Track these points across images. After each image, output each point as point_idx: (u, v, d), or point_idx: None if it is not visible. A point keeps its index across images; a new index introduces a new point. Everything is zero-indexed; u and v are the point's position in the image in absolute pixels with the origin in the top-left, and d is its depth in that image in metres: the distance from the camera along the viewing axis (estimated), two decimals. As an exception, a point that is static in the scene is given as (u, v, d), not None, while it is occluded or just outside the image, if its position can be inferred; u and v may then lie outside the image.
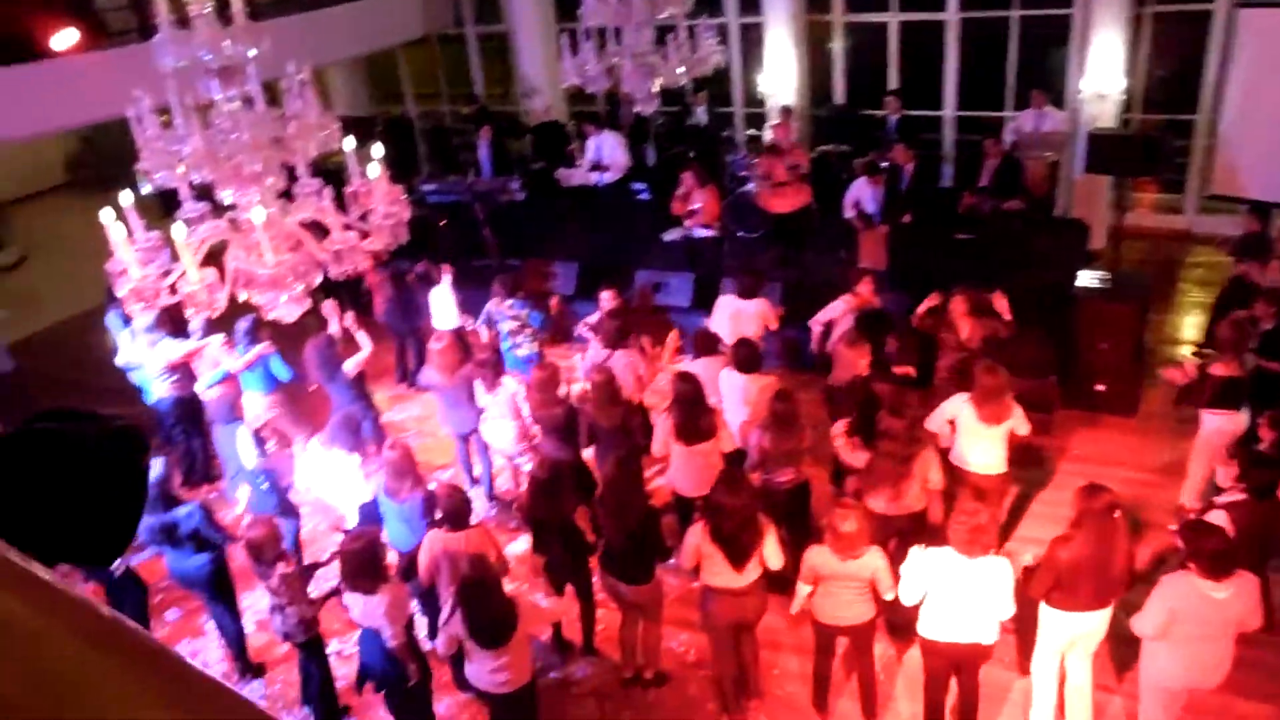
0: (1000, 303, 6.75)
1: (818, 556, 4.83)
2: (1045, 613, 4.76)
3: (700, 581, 5.18)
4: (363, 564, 4.73)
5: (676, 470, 6.17)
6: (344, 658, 5.92)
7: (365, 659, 5.07)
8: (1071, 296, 7.90)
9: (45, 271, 13.57)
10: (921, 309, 7.08)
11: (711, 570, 5.01)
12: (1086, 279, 8.00)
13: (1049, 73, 11.42)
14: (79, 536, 1.23)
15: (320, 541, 6.68)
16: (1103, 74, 10.54)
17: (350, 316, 7.13)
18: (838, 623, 4.97)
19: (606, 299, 7.48)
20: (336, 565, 5.00)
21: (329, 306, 7.16)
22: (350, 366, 6.92)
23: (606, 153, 10.82)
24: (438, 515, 5.30)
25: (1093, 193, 10.61)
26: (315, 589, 5.27)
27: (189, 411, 7.59)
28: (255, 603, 6.55)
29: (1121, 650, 5.15)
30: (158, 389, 7.47)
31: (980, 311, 6.69)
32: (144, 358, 7.37)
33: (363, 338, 7.04)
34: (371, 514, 5.95)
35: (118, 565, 5.75)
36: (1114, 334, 7.55)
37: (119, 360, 7.77)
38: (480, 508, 7.02)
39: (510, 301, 7.67)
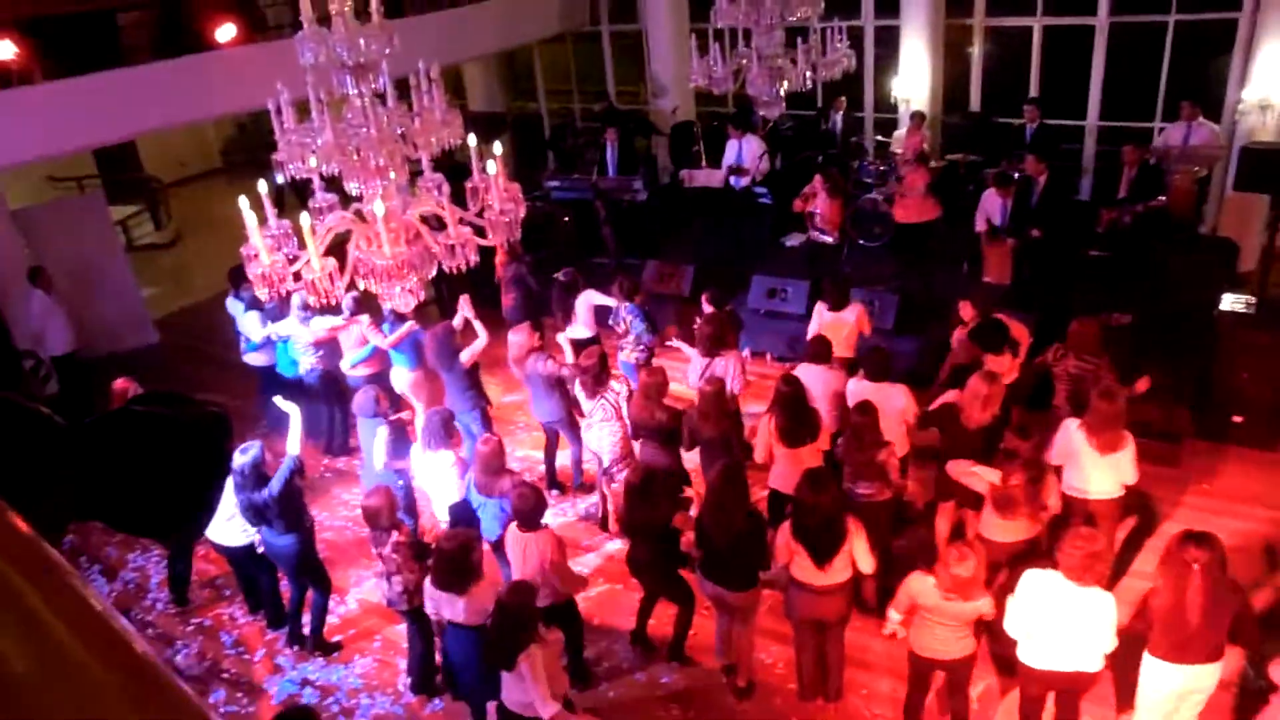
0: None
1: (919, 585, 4.69)
2: (1145, 659, 4.54)
3: (789, 575, 5.19)
4: (456, 565, 4.84)
5: (778, 472, 6.11)
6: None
7: (453, 656, 5.19)
8: (1213, 321, 7.47)
9: (196, 250, 14.47)
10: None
11: (798, 565, 5.07)
12: (1230, 303, 7.54)
13: (1204, 82, 10.80)
14: (159, 511, 1.34)
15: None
16: (1268, 83, 9.90)
17: (469, 306, 7.32)
18: (935, 656, 4.82)
19: (707, 304, 7.48)
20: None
21: (463, 302, 7.36)
22: (465, 356, 7.12)
23: (748, 158, 10.78)
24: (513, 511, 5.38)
25: (1246, 211, 9.97)
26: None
27: (332, 384, 8.11)
28: (362, 581, 6.86)
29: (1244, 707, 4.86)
30: (305, 362, 7.98)
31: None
32: (295, 331, 7.86)
33: (479, 326, 7.23)
34: (465, 511, 6.11)
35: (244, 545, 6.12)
36: (1257, 363, 7.09)
37: (254, 338, 8.22)
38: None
39: (626, 305, 7.73)
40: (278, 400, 6.51)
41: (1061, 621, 4.42)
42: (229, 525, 6.01)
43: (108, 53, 9.62)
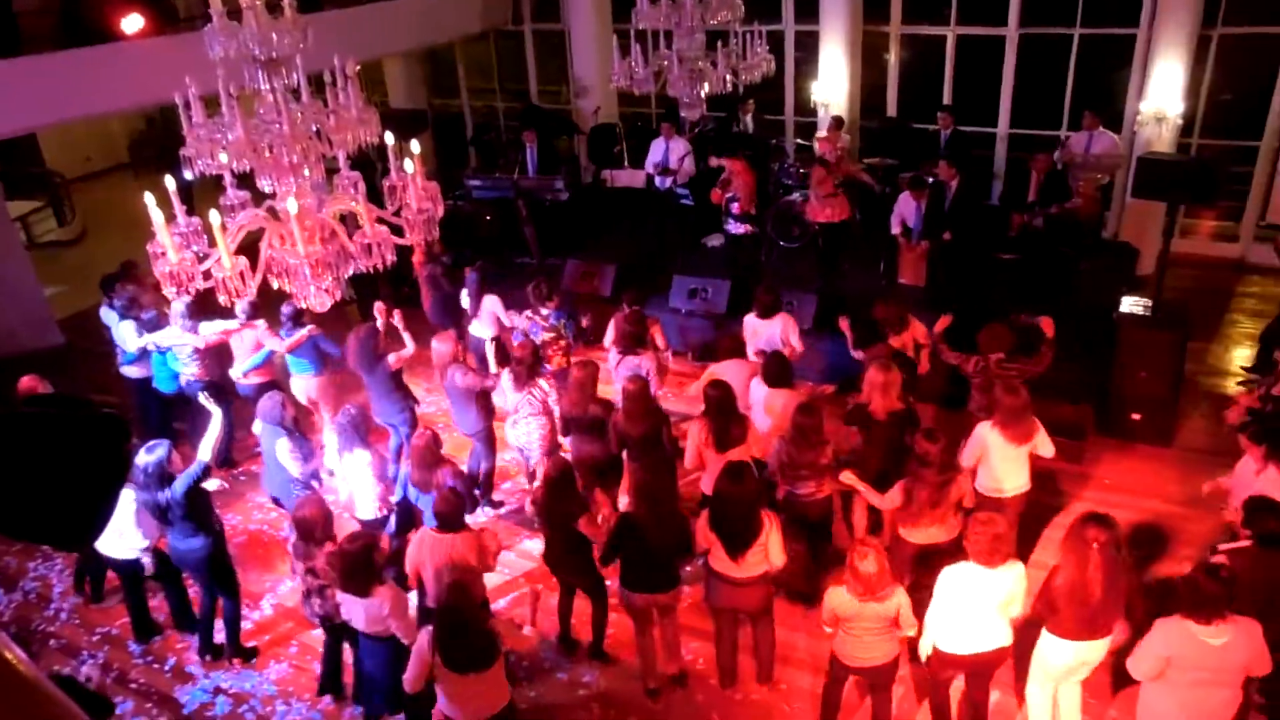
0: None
1: (837, 598, 4.72)
2: (1044, 637, 4.71)
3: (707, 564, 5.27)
4: (356, 566, 4.75)
5: (710, 476, 6.10)
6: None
7: (369, 670, 5.08)
8: (1113, 322, 7.77)
9: (103, 248, 13.90)
10: (939, 328, 6.65)
11: (715, 556, 5.14)
12: (1129, 305, 7.86)
13: (1107, 93, 11.25)
14: (54, 517, 1.29)
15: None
16: (1162, 96, 10.35)
17: (398, 315, 7.21)
18: (858, 664, 4.88)
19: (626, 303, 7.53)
20: None
21: (378, 306, 7.25)
22: (392, 360, 6.99)
23: (673, 158, 10.84)
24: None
25: (1145, 217, 10.40)
26: None
27: (216, 395, 7.58)
28: (276, 586, 6.72)
29: (1119, 678, 5.07)
30: (186, 373, 7.56)
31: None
32: (179, 339, 7.40)
33: (407, 337, 7.10)
34: (407, 509, 6.03)
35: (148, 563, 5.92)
36: (1153, 362, 7.40)
37: (129, 349, 7.75)
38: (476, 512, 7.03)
39: (545, 311, 7.71)
40: (202, 398, 6.34)
41: (977, 605, 4.57)
42: (117, 537, 5.76)
43: (4, 41, 9.23)
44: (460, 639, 4.41)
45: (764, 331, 7.30)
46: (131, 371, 7.99)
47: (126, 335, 7.72)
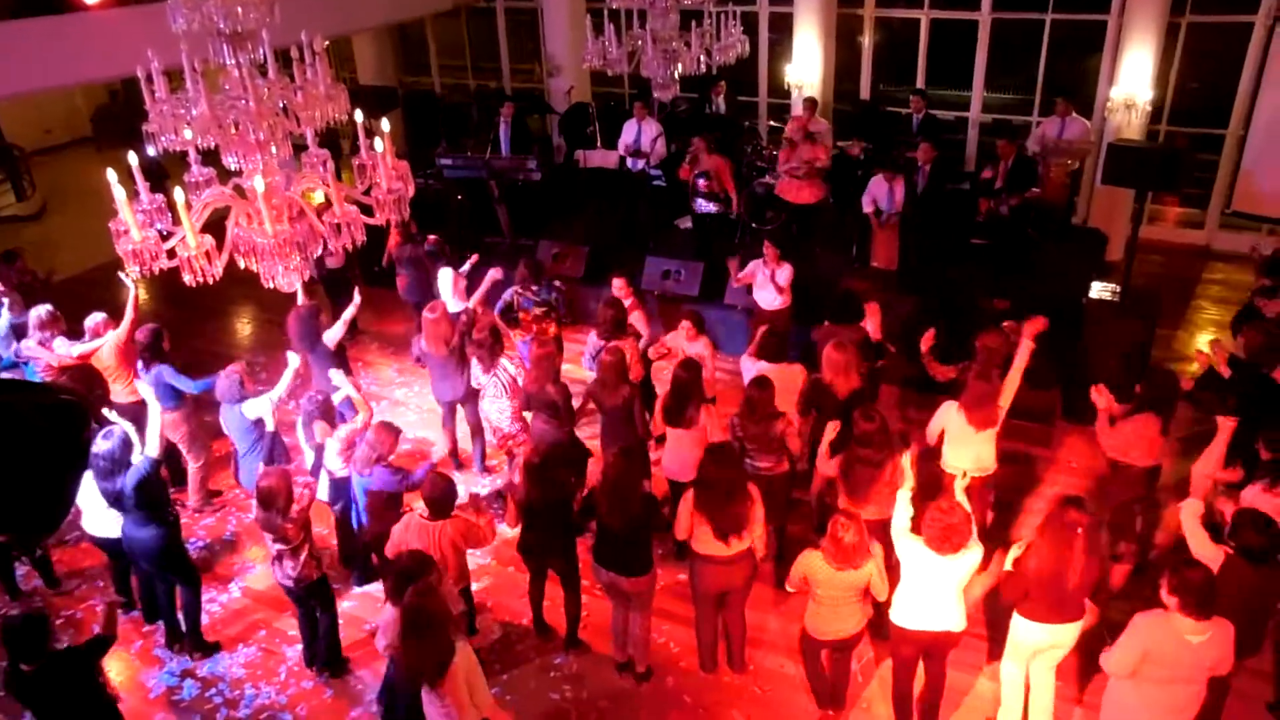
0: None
1: (811, 562, 4.76)
2: (1015, 619, 4.76)
3: (691, 550, 5.25)
4: (406, 579, 4.47)
5: (668, 453, 6.18)
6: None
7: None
8: (1082, 307, 7.83)
9: (64, 223, 13.69)
10: (925, 345, 6.44)
11: (700, 539, 5.11)
12: (1098, 290, 7.93)
13: (1079, 79, 11.31)
14: (15, 505, 1.25)
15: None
16: (1132, 83, 10.42)
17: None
18: (827, 636, 4.95)
19: (617, 287, 7.47)
20: None
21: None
22: (330, 339, 6.94)
23: (646, 140, 10.76)
24: (420, 499, 5.25)
25: (1114, 203, 10.50)
26: None
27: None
28: (245, 569, 6.65)
29: (1087, 663, 5.14)
30: None
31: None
32: (36, 355, 6.82)
33: (342, 319, 7.09)
34: (343, 489, 5.98)
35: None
36: (1120, 348, 7.48)
37: (6, 351, 7.14)
38: (463, 490, 6.94)
39: (534, 286, 7.68)
40: (141, 389, 6.14)
41: (929, 586, 4.62)
42: (105, 516, 5.67)
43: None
44: (421, 644, 4.23)
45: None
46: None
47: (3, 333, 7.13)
